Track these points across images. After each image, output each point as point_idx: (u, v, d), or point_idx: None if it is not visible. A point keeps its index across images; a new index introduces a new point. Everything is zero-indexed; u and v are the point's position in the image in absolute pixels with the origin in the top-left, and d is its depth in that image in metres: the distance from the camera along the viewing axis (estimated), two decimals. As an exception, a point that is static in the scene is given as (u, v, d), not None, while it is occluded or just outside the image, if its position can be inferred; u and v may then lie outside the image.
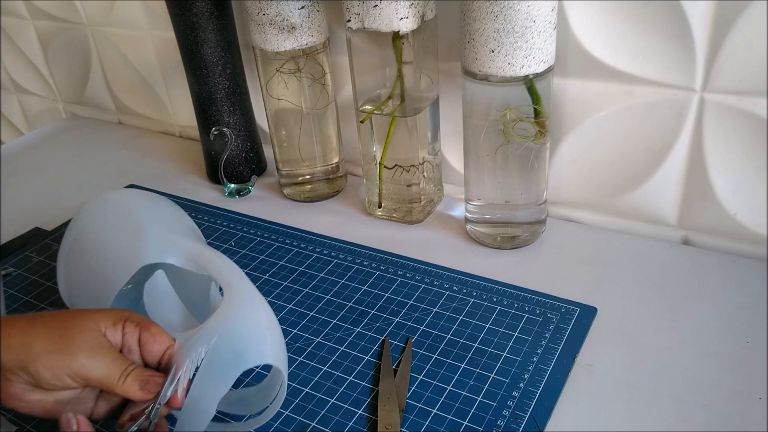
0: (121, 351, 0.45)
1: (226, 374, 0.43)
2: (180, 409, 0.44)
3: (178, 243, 0.52)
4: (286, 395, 0.51)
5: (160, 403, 0.43)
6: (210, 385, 0.43)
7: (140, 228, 0.51)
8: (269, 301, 0.52)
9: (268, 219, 0.74)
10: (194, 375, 0.43)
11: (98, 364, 0.42)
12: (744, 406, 0.47)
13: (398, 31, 0.59)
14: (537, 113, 0.58)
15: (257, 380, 0.53)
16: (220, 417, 0.50)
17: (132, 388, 0.43)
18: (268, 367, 0.53)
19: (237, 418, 0.50)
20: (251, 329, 0.46)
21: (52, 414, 0.43)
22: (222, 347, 0.44)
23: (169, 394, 0.43)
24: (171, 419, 0.46)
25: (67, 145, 1.01)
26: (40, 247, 0.73)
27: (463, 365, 0.53)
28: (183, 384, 0.43)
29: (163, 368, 0.45)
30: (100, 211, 0.55)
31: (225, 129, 0.77)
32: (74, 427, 0.40)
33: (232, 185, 0.80)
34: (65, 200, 0.83)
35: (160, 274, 0.52)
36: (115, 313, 0.45)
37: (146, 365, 0.46)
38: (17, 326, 0.43)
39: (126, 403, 0.45)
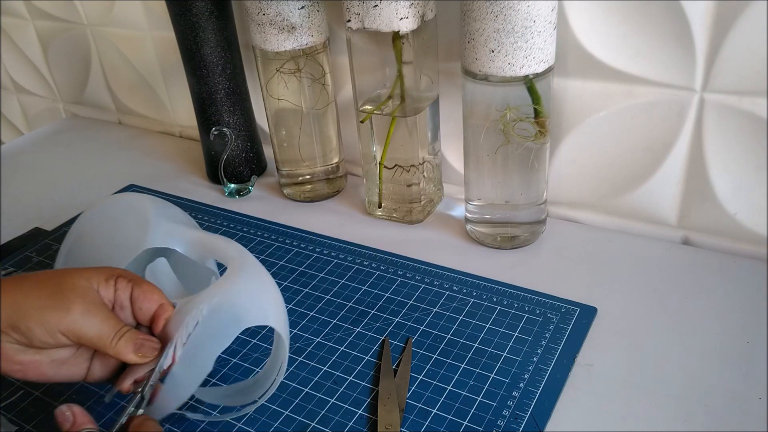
0: (113, 308, 0.44)
1: (227, 331, 0.43)
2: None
3: (182, 231, 0.52)
4: (286, 395, 0.51)
5: (158, 371, 0.42)
6: (209, 341, 0.43)
7: (146, 219, 0.52)
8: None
9: (268, 219, 0.74)
10: (194, 328, 0.43)
11: (91, 321, 0.41)
12: (744, 406, 0.47)
13: (398, 31, 0.59)
14: (537, 113, 0.58)
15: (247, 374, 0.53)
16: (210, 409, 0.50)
17: (125, 349, 0.42)
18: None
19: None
20: (254, 292, 0.46)
21: (47, 377, 0.42)
22: (224, 306, 0.44)
23: (168, 360, 0.42)
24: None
25: (67, 145, 1.01)
26: (40, 247, 0.73)
27: (463, 365, 0.53)
28: (182, 341, 0.42)
29: (154, 327, 0.44)
30: (106, 208, 0.55)
31: (225, 129, 0.77)
32: (70, 420, 0.39)
33: (232, 185, 0.80)
34: (65, 200, 0.83)
35: (162, 261, 0.52)
36: (108, 269, 0.44)
37: (138, 324, 0.45)
38: (3, 286, 0.41)
39: (123, 366, 0.44)
